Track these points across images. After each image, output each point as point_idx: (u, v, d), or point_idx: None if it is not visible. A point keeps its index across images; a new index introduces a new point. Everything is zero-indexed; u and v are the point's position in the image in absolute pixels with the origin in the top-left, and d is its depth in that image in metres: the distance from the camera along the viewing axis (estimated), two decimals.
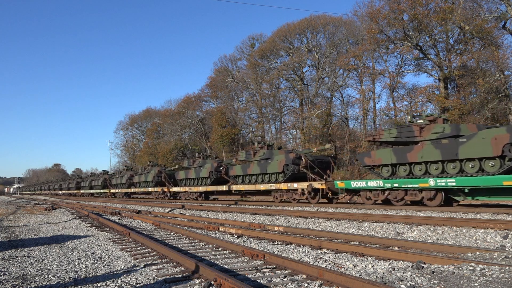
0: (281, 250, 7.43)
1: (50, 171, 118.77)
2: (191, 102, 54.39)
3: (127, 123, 73.44)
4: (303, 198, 17.66)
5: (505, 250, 6.41)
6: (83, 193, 50.26)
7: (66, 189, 57.46)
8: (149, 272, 5.68)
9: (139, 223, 13.65)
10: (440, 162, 13.29)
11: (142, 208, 21.07)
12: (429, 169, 13.60)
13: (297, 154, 18.50)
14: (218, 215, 15.66)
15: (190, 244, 8.35)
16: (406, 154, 14.20)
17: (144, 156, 58.69)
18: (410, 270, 5.10)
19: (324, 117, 37.39)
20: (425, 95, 30.84)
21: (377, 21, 31.03)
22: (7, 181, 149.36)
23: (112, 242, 8.83)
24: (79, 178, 56.57)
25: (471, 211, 11.08)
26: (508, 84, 27.32)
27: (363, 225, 10.23)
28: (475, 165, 12.40)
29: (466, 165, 12.64)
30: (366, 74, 36.54)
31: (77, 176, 61.50)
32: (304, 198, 17.51)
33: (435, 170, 13.43)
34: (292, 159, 18.18)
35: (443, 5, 28.38)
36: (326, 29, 41.33)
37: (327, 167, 18.88)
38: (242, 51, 50.98)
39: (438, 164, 13.37)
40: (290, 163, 18.24)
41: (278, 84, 45.82)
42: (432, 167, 13.54)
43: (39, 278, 5.51)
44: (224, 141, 44.13)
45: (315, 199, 17.15)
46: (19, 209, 24.49)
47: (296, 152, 19.10)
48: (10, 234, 11.10)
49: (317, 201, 17.11)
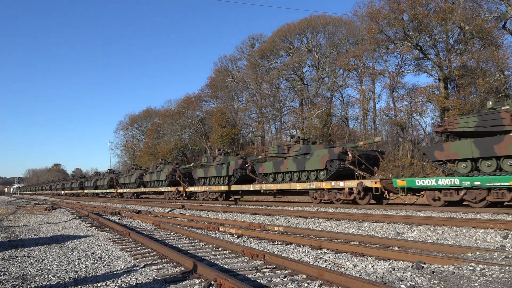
0: (281, 250, 7.43)
1: (50, 171, 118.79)
2: (191, 102, 54.41)
3: (127, 123, 73.49)
4: (349, 198, 15.65)
5: (505, 250, 6.41)
6: (87, 193, 48.67)
7: (69, 189, 55.94)
8: (149, 272, 5.68)
9: (139, 223, 13.65)
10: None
11: (142, 208, 21.07)
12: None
13: (343, 148, 16.38)
14: (218, 215, 15.66)
15: (190, 244, 8.35)
16: (493, 146, 11.97)
17: (144, 156, 58.71)
18: (410, 270, 5.10)
19: (324, 117, 37.40)
20: (425, 95, 30.84)
21: (377, 21, 31.03)
22: (7, 181, 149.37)
23: (112, 242, 8.83)
24: (82, 178, 55.03)
25: (471, 211, 11.08)
26: (508, 84, 27.33)
27: (363, 225, 10.23)
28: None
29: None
30: (366, 74, 36.55)
31: (80, 176, 60.01)
32: (351, 198, 15.53)
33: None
34: (338, 154, 16.08)
35: (443, 5, 28.38)
36: (326, 29, 41.34)
37: (375, 163, 16.82)
38: (242, 51, 51.04)
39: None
40: (335, 159, 16.10)
41: (278, 84, 45.85)
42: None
43: (39, 278, 5.51)
44: (224, 141, 44.13)
45: (365, 199, 15.06)
46: (19, 209, 24.49)
47: (342, 146, 17.04)
48: (10, 234, 11.10)
49: (367, 201, 15.01)
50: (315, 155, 17.30)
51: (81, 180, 52.48)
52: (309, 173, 17.68)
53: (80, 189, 51.34)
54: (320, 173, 17.12)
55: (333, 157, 16.34)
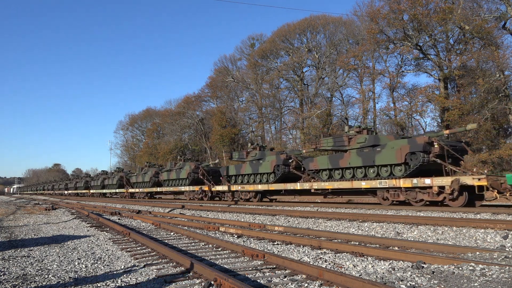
0: (281, 250, 7.43)
1: (50, 171, 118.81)
2: (191, 102, 54.46)
3: (127, 123, 73.59)
4: (437, 199, 12.69)
5: (505, 250, 6.41)
6: (93, 193, 45.80)
7: (73, 189, 52.74)
8: (149, 272, 5.68)
9: (139, 223, 13.64)
10: None
11: (142, 208, 21.07)
12: None
13: (429, 138, 13.48)
14: (218, 215, 15.66)
15: (190, 244, 8.35)
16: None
17: (144, 156, 58.76)
18: (410, 270, 5.10)
19: (324, 117, 37.42)
20: (425, 95, 30.87)
21: (377, 21, 31.06)
22: (7, 181, 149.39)
23: (112, 242, 8.83)
24: (88, 177, 52.41)
25: (471, 211, 11.08)
26: (508, 84, 27.34)
27: (363, 225, 10.23)
28: None
29: None
30: (366, 74, 36.57)
31: (86, 175, 57.77)
32: (440, 199, 12.59)
33: None
34: (423, 145, 13.13)
35: (443, 5, 28.40)
36: (326, 29, 41.37)
37: (462, 156, 14.24)
38: (242, 51, 51.09)
39: None
40: (420, 151, 13.15)
41: (278, 84, 45.88)
42: None
43: (39, 278, 5.51)
44: (224, 141, 44.16)
45: (459, 200, 12.23)
46: (19, 209, 24.49)
47: (428, 135, 13.97)
48: (10, 234, 11.10)
49: (463, 203, 12.18)
50: (389, 147, 14.34)
51: (87, 180, 49.73)
52: (379, 168, 14.68)
53: (85, 189, 48.71)
54: (394, 169, 14.20)
55: (415, 149, 13.35)
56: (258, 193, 20.98)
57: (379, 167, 14.74)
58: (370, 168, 15.09)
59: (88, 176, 53.84)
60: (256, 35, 51.02)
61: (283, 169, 18.85)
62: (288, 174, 19.02)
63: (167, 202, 25.41)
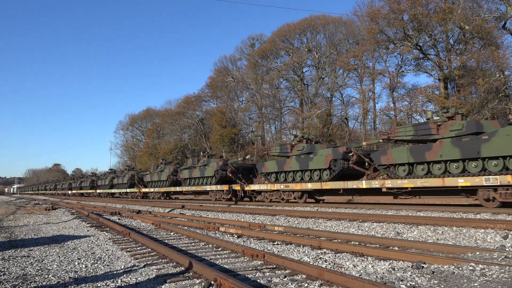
0: (281, 250, 7.43)
1: (50, 171, 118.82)
2: (191, 102, 54.46)
3: (127, 123, 73.58)
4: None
5: (505, 250, 6.41)
6: (100, 193, 43.55)
7: (78, 188, 50.52)
8: (149, 272, 5.68)
9: (139, 223, 13.65)
10: None
11: (142, 208, 21.07)
12: None
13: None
14: (218, 215, 15.66)
15: (190, 244, 8.35)
16: None
17: (144, 156, 58.77)
18: (410, 270, 5.10)
19: (324, 117, 37.42)
20: (425, 95, 30.88)
21: (377, 21, 31.06)
22: (7, 181, 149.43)
23: (112, 242, 8.83)
24: (94, 176, 50.39)
25: (471, 211, 11.08)
26: (508, 84, 27.34)
27: (363, 225, 10.23)
28: None
29: None
30: (366, 74, 36.59)
31: (92, 174, 55.88)
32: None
33: None
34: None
35: (443, 5, 28.40)
36: (326, 29, 41.37)
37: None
38: (242, 51, 51.08)
39: None
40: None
41: (278, 84, 45.88)
42: None
43: (39, 278, 5.51)
44: (224, 141, 44.15)
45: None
46: (19, 209, 24.49)
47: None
48: (10, 234, 11.10)
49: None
50: (501, 134, 11.32)
51: (93, 179, 47.35)
52: (486, 161, 11.77)
53: (91, 189, 46.44)
54: (510, 161, 11.29)
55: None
56: (305, 193, 18.24)
57: (485, 159, 11.77)
58: (472, 162, 12.13)
59: (94, 175, 51.79)
60: (256, 35, 51.06)
61: (342, 165, 16.04)
62: (347, 171, 16.31)
63: (167, 202, 25.41)
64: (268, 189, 19.91)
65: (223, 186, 22.32)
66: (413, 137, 14.15)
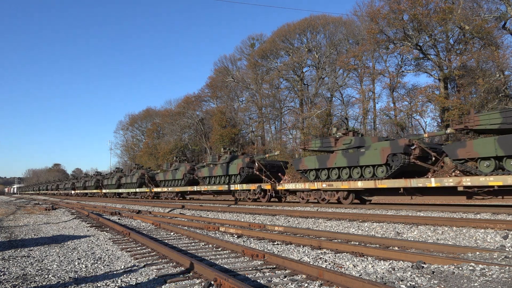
0: (281, 250, 7.43)
1: (50, 171, 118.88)
2: (191, 102, 54.49)
3: (127, 123, 73.66)
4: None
5: (505, 250, 6.41)
6: (106, 193, 41.77)
7: (82, 189, 49.01)
8: (149, 272, 5.67)
9: (139, 223, 13.64)
10: None
11: (142, 208, 21.08)
12: None
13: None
14: (218, 215, 15.66)
15: (190, 244, 8.35)
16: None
17: (144, 156, 58.82)
18: (410, 270, 5.09)
19: (324, 117, 37.43)
20: (425, 95, 30.90)
21: (377, 21, 31.08)
22: (7, 181, 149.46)
23: (112, 242, 8.83)
24: (99, 175, 49.16)
25: (471, 211, 11.08)
26: (508, 84, 27.36)
27: (363, 225, 10.23)
28: None
29: None
30: (366, 74, 36.60)
31: (97, 173, 53.92)
32: None
33: None
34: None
35: (443, 5, 28.42)
36: (326, 29, 41.39)
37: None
38: (242, 51, 51.12)
39: None
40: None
41: (278, 84, 45.89)
42: None
43: (39, 278, 5.51)
44: (224, 141, 44.17)
45: None
46: (19, 209, 24.49)
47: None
48: (10, 234, 11.10)
49: None
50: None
51: (98, 178, 45.73)
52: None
53: (96, 189, 44.64)
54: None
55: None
56: (351, 192, 16.24)
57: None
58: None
59: (99, 174, 50.32)
60: (256, 35, 51.11)
61: (403, 160, 13.94)
62: (408, 167, 14.24)
63: (167, 202, 25.41)
64: (306, 188, 17.71)
65: (250, 185, 20.41)
66: (501, 125, 11.28)
